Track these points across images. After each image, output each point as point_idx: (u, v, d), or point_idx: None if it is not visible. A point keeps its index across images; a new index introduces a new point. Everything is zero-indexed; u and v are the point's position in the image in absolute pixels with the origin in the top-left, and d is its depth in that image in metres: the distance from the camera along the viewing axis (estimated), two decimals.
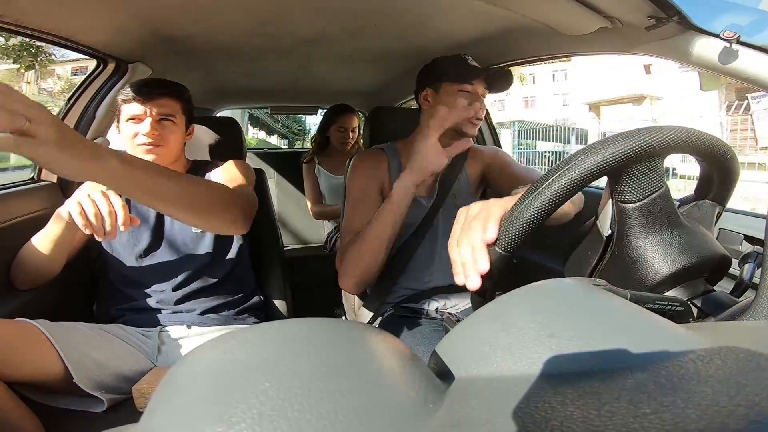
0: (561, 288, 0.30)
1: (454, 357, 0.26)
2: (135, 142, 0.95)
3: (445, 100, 0.99)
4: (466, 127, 0.99)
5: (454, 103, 0.95)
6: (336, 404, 0.20)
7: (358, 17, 1.10)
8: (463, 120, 0.96)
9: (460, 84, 0.98)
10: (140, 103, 0.93)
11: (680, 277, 0.44)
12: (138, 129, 0.94)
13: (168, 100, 0.96)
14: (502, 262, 0.45)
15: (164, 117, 0.96)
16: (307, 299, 1.65)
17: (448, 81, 0.99)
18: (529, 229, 0.42)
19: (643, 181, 0.42)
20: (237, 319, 1.05)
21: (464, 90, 0.98)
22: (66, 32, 0.96)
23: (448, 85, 0.99)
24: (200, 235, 1.03)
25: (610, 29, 0.85)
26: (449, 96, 0.99)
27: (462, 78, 0.98)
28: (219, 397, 0.20)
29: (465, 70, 0.98)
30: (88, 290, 1.12)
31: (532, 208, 0.41)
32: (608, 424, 0.16)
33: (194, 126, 1.08)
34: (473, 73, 0.98)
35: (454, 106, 0.93)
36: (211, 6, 0.99)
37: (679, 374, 0.19)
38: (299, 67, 1.64)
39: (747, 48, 0.70)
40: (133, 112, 0.94)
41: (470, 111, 0.93)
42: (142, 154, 0.95)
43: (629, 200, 0.43)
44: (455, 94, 0.98)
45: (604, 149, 0.40)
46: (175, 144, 0.99)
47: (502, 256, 0.44)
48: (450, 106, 0.94)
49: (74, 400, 0.79)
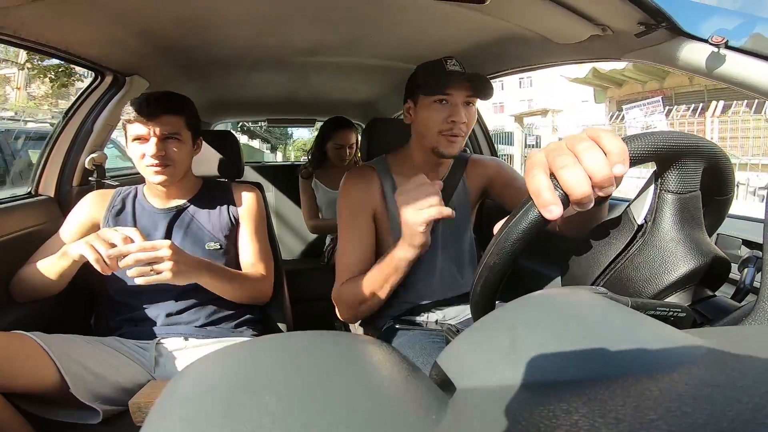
0: (562, 296, 0.30)
1: (456, 367, 0.26)
2: (143, 163, 0.95)
3: (421, 113, 0.93)
4: (443, 146, 0.91)
5: (428, 118, 0.90)
6: (338, 417, 0.19)
7: (355, 29, 1.11)
8: (438, 136, 0.90)
9: (434, 95, 0.89)
10: (143, 123, 0.93)
11: (696, 275, 0.45)
12: (144, 150, 0.94)
13: (171, 117, 0.96)
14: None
15: (169, 135, 0.95)
16: (306, 312, 1.64)
17: (422, 92, 0.91)
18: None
19: (687, 176, 0.44)
20: (235, 332, 1.04)
21: (439, 101, 0.89)
22: (64, 44, 0.97)
23: (424, 98, 0.91)
24: (212, 253, 1.04)
25: (601, 37, 0.87)
26: (424, 109, 0.92)
27: (435, 88, 0.89)
28: (219, 412, 0.20)
29: (440, 78, 0.89)
30: (86, 303, 1.11)
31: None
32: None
33: (201, 139, 1.08)
34: (448, 81, 0.88)
35: (428, 122, 0.90)
36: (209, 19, 1.00)
37: (683, 380, 0.19)
38: (297, 78, 1.65)
39: (735, 52, 0.71)
40: (138, 132, 0.94)
41: (443, 126, 0.88)
42: (152, 175, 0.96)
43: (672, 190, 0.45)
44: (430, 107, 0.90)
45: (679, 137, 0.42)
46: (183, 161, 1.00)
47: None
48: (424, 120, 0.91)
49: (70, 412, 0.78)
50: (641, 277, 0.46)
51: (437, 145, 0.92)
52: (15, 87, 12.43)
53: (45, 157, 1.22)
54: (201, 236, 1.04)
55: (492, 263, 0.43)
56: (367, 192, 1.00)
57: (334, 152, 1.99)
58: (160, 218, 1.04)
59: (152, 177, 0.96)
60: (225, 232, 1.07)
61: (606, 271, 0.49)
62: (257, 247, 1.10)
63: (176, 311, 0.99)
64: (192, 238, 1.04)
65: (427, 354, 0.89)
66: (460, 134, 0.91)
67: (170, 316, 0.99)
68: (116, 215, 1.03)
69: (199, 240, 1.04)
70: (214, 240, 1.05)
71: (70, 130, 1.22)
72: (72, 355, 0.79)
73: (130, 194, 1.08)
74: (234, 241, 1.10)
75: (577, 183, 0.36)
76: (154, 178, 0.96)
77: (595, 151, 0.37)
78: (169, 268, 0.81)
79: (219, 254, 1.05)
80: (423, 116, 0.92)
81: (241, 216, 1.11)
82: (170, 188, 1.04)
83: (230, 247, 1.08)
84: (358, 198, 0.99)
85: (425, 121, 0.92)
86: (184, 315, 1.00)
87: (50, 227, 1.10)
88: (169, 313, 0.99)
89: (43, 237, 1.02)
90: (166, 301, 0.99)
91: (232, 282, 0.99)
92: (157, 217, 1.04)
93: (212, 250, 1.04)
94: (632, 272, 0.46)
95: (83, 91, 1.24)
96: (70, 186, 1.23)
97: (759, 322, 0.33)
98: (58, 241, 0.99)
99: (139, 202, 1.07)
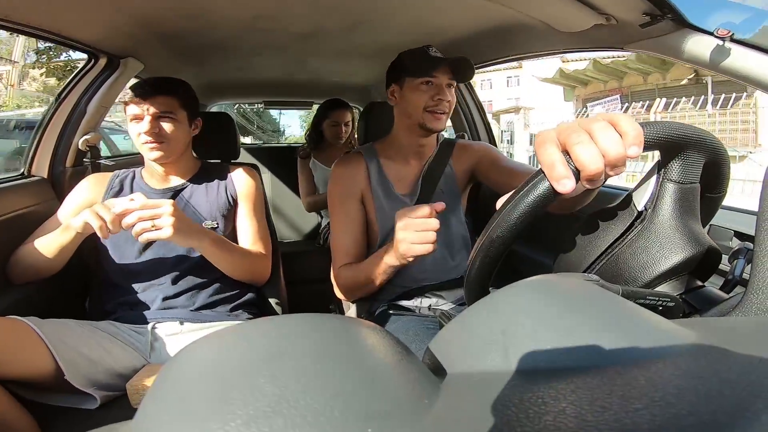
0: (554, 283, 0.30)
1: (449, 353, 0.27)
2: (139, 141, 0.98)
3: (407, 95, 0.99)
4: (429, 121, 0.98)
5: (416, 97, 0.97)
6: (331, 400, 0.20)
7: (354, 13, 1.09)
8: (424, 113, 0.97)
9: (421, 77, 0.97)
10: (138, 104, 0.97)
11: (691, 263, 0.46)
12: (139, 128, 0.97)
13: (165, 97, 0.99)
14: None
15: (163, 114, 0.98)
16: (302, 294, 1.65)
17: (409, 75, 0.99)
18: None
19: (689, 168, 0.46)
20: (231, 315, 1.04)
21: (426, 82, 0.97)
22: (57, 27, 0.95)
23: (410, 80, 0.99)
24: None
25: (605, 26, 0.85)
26: (411, 90, 0.99)
27: (422, 71, 0.97)
28: (214, 394, 0.20)
29: (425, 62, 0.97)
30: (81, 287, 1.11)
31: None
32: (601, 420, 0.17)
33: (200, 120, 1.11)
34: (433, 65, 0.96)
35: (415, 101, 0.97)
36: (205, 1, 0.98)
37: (670, 370, 0.20)
38: (294, 62, 1.63)
39: (740, 46, 0.70)
40: (133, 111, 0.98)
41: (429, 103, 0.96)
42: (147, 151, 0.99)
43: (674, 180, 0.46)
44: (417, 88, 0.98)
45: (688, 128, 0.44)
46: (178, 139, 1.02)
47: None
48: (412, 101, 0.98)
49: (67, 397, 0.78)
50: (638, 262, 0.47)
51: (424, 121, 0.99)
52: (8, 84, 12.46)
53: (38, 138, 1.20)
54: (198, 216, 1.05)
55: (495, 236, 0.42)
56: (354, 177, 1.06)
57: (330, 130, 2.03)
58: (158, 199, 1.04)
59: (148, 153, 1.00)
60: (222, 212, 1.07)
61: (602, 256, 0.50)
62: (256, 227, 1.11)
63: (172, 295, 0.99)
64: (189, 217, 1.04)
65: (422, 339, 0.90)
66: (445, 111, 0.99)
67: (166, 300, 0.99)
68: (114, 197, 1.03)
69: (197, 220, 1.04)
70: (212, 220, 1.06)
71: (63, 112, 1.20)
72: (66, 341, 0.79)
73: (128, 176, 1.08)
74: (231, 221, 1.10)
75: (591, 159, 0.36)
76: (150, 154, 1.00)
77: (611, 131, 0.37)
78: (170, 224, 0.82)
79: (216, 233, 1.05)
80: (410, 96, 0.99)
81: (239, 196, 1.12)
82: (168, 168, 1.06)
83: (227, 227, 1.08)
84: (346, 184, 1.06)
85: (413, 101, 0.98)
86: (180, 299, 1.00)
87: (43, 208, 1.09)
88: (165, 297, 0.99)
89: (37, 218, 1.02)
90: (162, 285, 0.99)
91: (232, 253, 1.00)
92: (155, 197, 1.04)
93: (209, 228, 1.04)
94: (629, 257, 0.47)
95: (77, 72, 1.21)
96: (63, 167, 1.22)
97: (746, 314, 0.34)
98: (55, 222, 0.98)
99: (137, 184, 1.07)
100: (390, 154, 1.08)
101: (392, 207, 1.04)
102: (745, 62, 0.70)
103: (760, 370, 0.19)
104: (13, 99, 12.04)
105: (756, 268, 0.34)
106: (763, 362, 0.19)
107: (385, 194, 1.05)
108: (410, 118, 1.01)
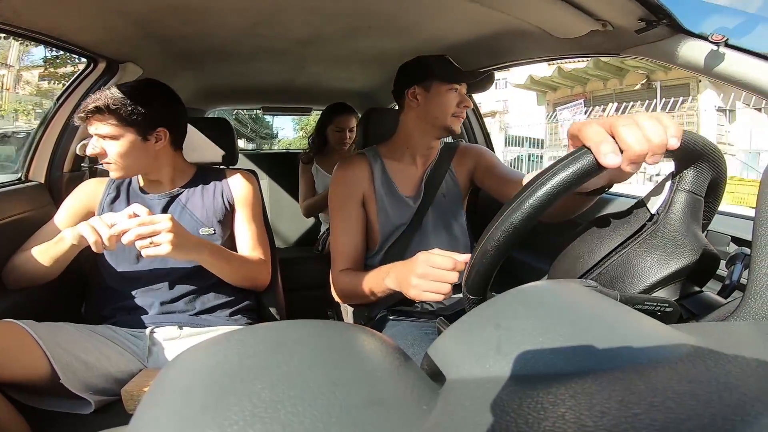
0: (553, 289, 0.30)
1: (447, 358, 0.26)
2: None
3: (435, 98, 1.02)
4: (454, 124, 1.04)
5: (445, 102, 1.02)
6: (329, 406, 0.19)
7: (353, 18, 1.10)
8: (451, 118, 1.03)
9: (451, 84, 1.01)
10: (84, 124, 0.93)
11: (694, 266, 0.47)
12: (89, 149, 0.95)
13: (99, 118, 0.90)
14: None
15: (104, 136, 0.92)
16: (300, 300, 1.64)
17: (439, 80, 1.02)
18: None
19: (700, 178, 0.49)
20: (230, 321, 1.04)
21: (453, 89, 1.02)
22: (57, 32, 0.95)
23: (440, 85, 1.02)
24: (206, 238, 1.04)
25: (601, 32, 0.86)
26: (440, 95, 1.02)
27: (454, 78, 1.02)
28: (211, 399, 0.20)
29: (455, 71, 1.03)
30: (78, 291, 1.11)
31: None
32: (600, 425, 0.17)
33: (164, 130, 0.98)
34: (463, 75, 1.03)
35: (444, 106, 1.02)
36: (204, 7, 0.99)
37: (668, 375, 0.20)
38: (293, 67, 1.63)
39: (735, 51, 0.71)
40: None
41: (455, 109, 1.02)
42: (110, 171, 0.97)
43: (686, 189, 0.50)
44: (446, 93, 1.02)
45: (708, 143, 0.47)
46: (129, 157, 0.94)
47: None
48: (441, 104, 1.02)
49: (62, 401, 0.78)
50: (650, 260, 0.48)
51: (450, 124, 1.03)
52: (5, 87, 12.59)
53: (35, 143, 1.20)
54: (194, 222, 1.04)
55: (528, 204, 0.40)
56: (356, 178, 1.06)
57: (334, 136, 2.00)
58: (154, 205, 1.04)
59: (110, 174, 0.98)
60: (219, 217, 1.07)
61: (608, 256, 0.51)
62: (254, 233, 1.10)
63: (171, 299, 0.99)
64: (186, 223, 1.03)
65: (421, 344, 0.90)
66: (463, 116, 1.06)
67: (165, 305, 0.98)
68: (111, 203, 1.03)
69: (193, 226, 1.03)
70: (208, 226, 1.05)
71: (61, 116, 1.20)
72: (62, 345, 0.78)
73: (125, 182, 1.07)
74: (229, 227, 1.10)
75: (636, 141, 0.39)
76: (111, 174, 0.98)
77: (656, 121, 0.40)
78: (168, 240, 0.81)
79: (212, 239, 1.04)
80: (439, 100, 1.02)
81: (237, 202, 1.11)
82: (156, 178, 1.04)
83: (224, 233, 1.08)
84: (348, 185, 1.06)
85: (441, 105, 1.02)
86: (179, 303, 0.99)
87: (41, 213, 1.09)
88: (164, 302, 0.98)
89: (34, 223, 1.01)
90: (161, 289, 0.99)
91: (231, 262, 0.99)
92: (151, 203, 1.04)
93: (206, 235, 1.03)
94: (641, 255, 0.49)
95: (76, 77, 1.21)
96: (61, 172, 1.22)
97: (744, 319, 0.34)
98: (52, 227, 0.98)
99: (133, 190, 1.06)
100: (394, 155, 1.09)
101: (395, 207, 1.06)
102: (740, 67, 0.70)
103: (757, 374, 0.19)
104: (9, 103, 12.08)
105: (753, 273, 0.34)
106: (761, 366, 0.19)
107: (388, 194, 1.06)
108: (434, 121, 1.04)
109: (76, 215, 1.00)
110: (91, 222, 0.81)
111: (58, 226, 0.98)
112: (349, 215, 1.05)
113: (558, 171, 0.40)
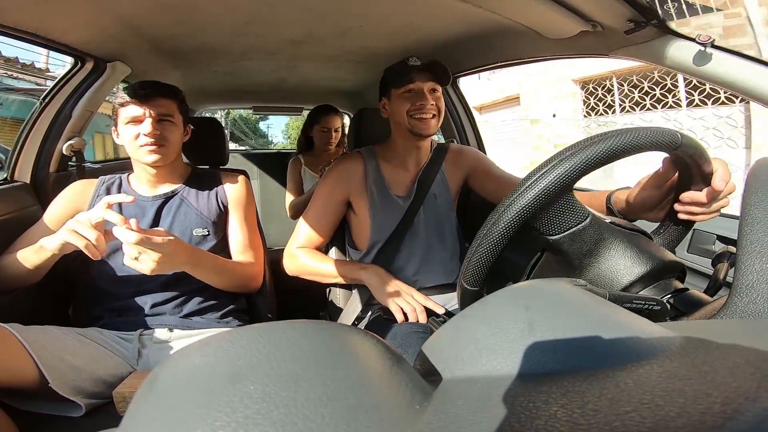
0: (544, 288, 0.31)
1: (440, 357, 0.27)
2: (137, 143, 0.96)
3: (394, 105, 1.06)
4: (416, 125, 1.03)
5: (400, 106, 1.03)
6: (322, 407, 0.19)
7: (345, 18, 1.09)
8: (409, 119, 1.02)
9: (403, 86, 1.03)
10: (138, 105, 0.95)
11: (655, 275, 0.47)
12: (139, 130, 0.96)
13: (165, 100, 0.98)
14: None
15: (163, 117, 0.98)
16: (292, 301, 1.63)
17: (393, 87, 1.05)
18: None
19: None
20: (221, 322, 1.03)
21: (407, 91, 1.03)
22: (43, 31, 0.94)
23: (395, 91, 1.04)
24: (200, 239, 1.03)
25: (591, 33, 0.87)
26: (396, 100, 1.05)
27: (402, 81, 1.03)
28: (203, 401, 0.20)
29: (404, 71, 1.03)
30: (65, 293, 1.09)
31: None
32: (592, 423, 0.17)
33: (191, 126, 1.10)
34: (409, 72, 1.02)
35: (400, 109, 1.03)
36: (194, 5, 0.97)
37: (657, 373, 0.20)
38: (285, 67, 1.62)
39: (720, 51, 0.72)
40: (133, 113, 0.95)
41: (410, 107, 1.01)
42: (146, 155, 0.97)
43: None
44: (401, 97, 1.04)
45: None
46: (175, 142, 1.02)
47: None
48: (397, 109, 1.04)
49: (52, 404, 0.76)
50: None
51: (411, 126, 1.04)
52: None
53: (21, 143, 1.17)
54: (189, 222, 1.03)
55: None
56: (349, 176, 1.10)
57: (319, 136, 2.02)
58: (148, 206, 1.03)
59: (146, 157, 0.97)
60: (213, 218, 1.06)
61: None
62: (247, 234, 1.09)
63: (162, 301, 0.97)
64: (180, 223, 1.03)
65: (414, 343, 0.90)
66: (429, 113, 1.03)
67: (155, 307, 0.97)
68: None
69: (187, 226, 1.03)
70: (202, 226, 1.04)
71: (47, 116, 1.18)
72: (50, 348, 0.77)
73: (115, 183, 1.06)
74: (222, 228, 1.09)
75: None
76: (148, 157, 0.97)
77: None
78: (153, 260, 0.79)
79: (206, 240, 1.04)
80: (395, 106, 1.05)
81: (230, 203, 1.11)
82: (161, 173, 1.04)
83: (218, 234, 1.07)
84: (339, 180, 1.11)
85: (398, 109, 1.05)
86: (169, 305, 0.98)
87: (26, 214, 1.07)
88: (155, 304, 0.97)
89: (19, 223, 0.99)
90: (152, 291, 0.97)
91: (221, 273, 0.98)
92: (145, 204, 1.03)
93: (200, 236, 1.03)
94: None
95: (62, 76, 1.19)
96: (47, 172, 1.20)
97: (731, 317, 0.34)
98: (39, 229, 0.96)
99: (125, 190, 1.05)
100: (389, 157, 1.13)
101: (386, 206, 1.07)
102: (726, 68, 0.72)
103: (745, 371, 0.19)
104: None
105: (739, 272, 0.35)
106: (749, 363, 0.20)
107: (380, 194, 1.07)
108: (401, 126, 1.06)
109: (66, 217, 0.98)
110: (71, 226, 0.79)
111: (47, 228, 0.96)
112: (327, 205, 1.10)
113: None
